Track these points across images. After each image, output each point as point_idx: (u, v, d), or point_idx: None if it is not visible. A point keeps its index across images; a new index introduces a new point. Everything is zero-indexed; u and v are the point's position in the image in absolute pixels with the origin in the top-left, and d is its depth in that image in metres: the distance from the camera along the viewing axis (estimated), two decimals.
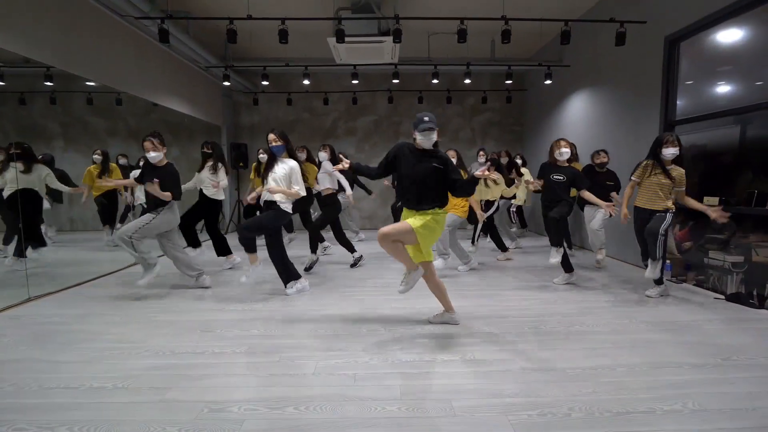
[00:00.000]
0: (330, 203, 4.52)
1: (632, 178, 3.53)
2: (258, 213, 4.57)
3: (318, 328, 2.86)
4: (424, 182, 2.63)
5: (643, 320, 3.00)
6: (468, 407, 1.85)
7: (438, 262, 4.01)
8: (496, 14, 4.65)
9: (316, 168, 4.62)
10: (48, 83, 5.03)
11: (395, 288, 2.82)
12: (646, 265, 3.49)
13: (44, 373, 2.20)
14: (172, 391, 2.01)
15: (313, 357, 2.38)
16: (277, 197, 3.43)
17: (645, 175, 3.42)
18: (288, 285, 3.62)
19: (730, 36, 3.86)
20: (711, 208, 3.31)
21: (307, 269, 4.45)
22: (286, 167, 3.47)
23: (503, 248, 5.13)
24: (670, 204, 3.34)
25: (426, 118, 2.60)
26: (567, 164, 3.90)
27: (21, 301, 3.46)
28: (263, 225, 3.48)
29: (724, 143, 4.16)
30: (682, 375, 2.17)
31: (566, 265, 3.92)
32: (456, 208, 4.13)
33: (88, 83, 5.22)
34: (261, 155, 5.59)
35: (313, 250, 4.54)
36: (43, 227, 4.89)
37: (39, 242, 4.55)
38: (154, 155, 3.53)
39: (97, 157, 5.27)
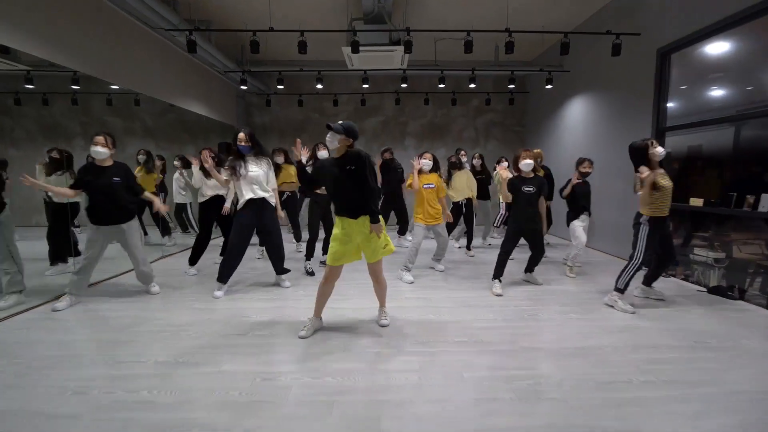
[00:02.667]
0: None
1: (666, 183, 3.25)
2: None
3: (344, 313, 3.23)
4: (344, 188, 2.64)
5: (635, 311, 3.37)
6: (477, 377, 2.23)
7: (407, 277, 4.16)
8: (501, 23, 4.99)
9: (295, 169, 4.82)
10: (74, 86, 5.36)
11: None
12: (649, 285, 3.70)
13: (114, 350, 2.57)
14: (227, 364, 2.38)
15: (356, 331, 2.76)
16: (266, 194, 3.62)
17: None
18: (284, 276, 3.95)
19: (717, 48, 4.18)
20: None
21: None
22: (262, 168, 3.59)
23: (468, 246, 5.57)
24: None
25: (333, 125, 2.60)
26: (533, 174, 3.89)
27: (58, 295, 3.79)
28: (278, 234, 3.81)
29: (718, 145, 4.46)
30: (659, 354, 2.53)
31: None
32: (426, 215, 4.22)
33: (112, 86, 5.53)
34: (277, 158, 5.63)
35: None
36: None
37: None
38: (102, 150, 3.31)
39: (141, 157, 5.43)
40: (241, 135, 3.55)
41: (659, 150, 3.23)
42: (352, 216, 2.66)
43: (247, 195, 3.55)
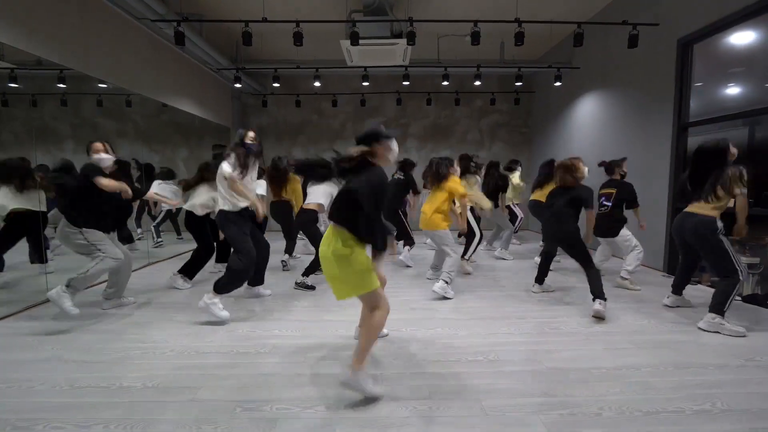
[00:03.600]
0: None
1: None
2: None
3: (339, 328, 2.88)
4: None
5: (662, 321, 3.01)
6: (499, 406, 1.87)
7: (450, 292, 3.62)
8: (507, 16, 4.68)
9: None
10: (61, 85, 5.06)
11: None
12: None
13: (74, 373, 2.22)
14: (201, 391, 2.03)
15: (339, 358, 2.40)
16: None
17: None
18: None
19: (743, 38, 3.87)
20: None
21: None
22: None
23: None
24: None
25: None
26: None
27: (38, 303, 3.48)
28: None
29: (748, 141, 4.16)
30: (708, 376, 2.18)
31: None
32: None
33: (101, 85, 5.24)
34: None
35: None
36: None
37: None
38: (107, 157, 3.13)
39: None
40: (251, 133, 3.24)
41: (735, 150, 2.90)
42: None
43: (246, 201, 3.14)
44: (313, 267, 3.89)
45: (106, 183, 2.97)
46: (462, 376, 2.17)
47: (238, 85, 6.70)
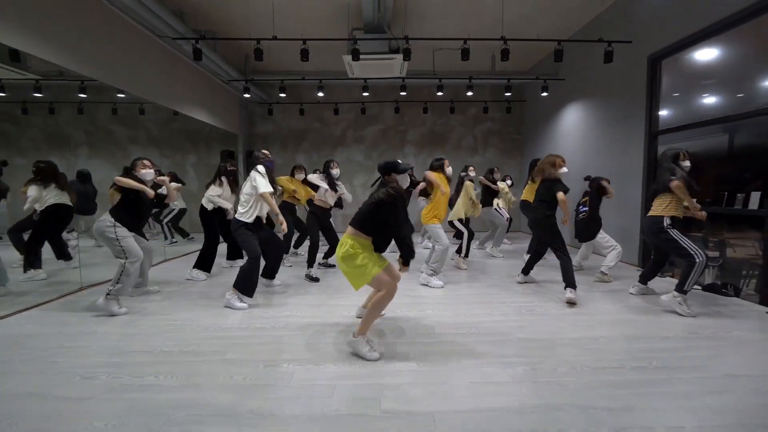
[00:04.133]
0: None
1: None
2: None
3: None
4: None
5: (626, 304, 3.43)
6: (474, 363, 2.29)
7: (436, 282, 4.09)
8: (497, 33, 5.15)
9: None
10: (82, 95, 5.49)
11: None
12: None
13: (119, 342, 2.64)
14: (229, 353, 2.44)
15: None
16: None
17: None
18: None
19: (707, 54, 4.32)
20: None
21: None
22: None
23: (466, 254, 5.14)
24: None
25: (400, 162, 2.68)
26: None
27: (74, 290, 3.91)
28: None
29: (711, 147, 4.57)
30: (653, 344, 2.59)
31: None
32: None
33: (119, 95, 5.66)
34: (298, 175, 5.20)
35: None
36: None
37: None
38: (150, 171, 3.47)
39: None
40: (266, 151, 3.68)
41: (687, 163, 3.33)
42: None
43: (258, 212, 3.53)
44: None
45: (125, 181, 3.29)
46: (446, 344, 2.59)
47: (247, 95, 7.15)
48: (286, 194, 5.06)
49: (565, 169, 3.80)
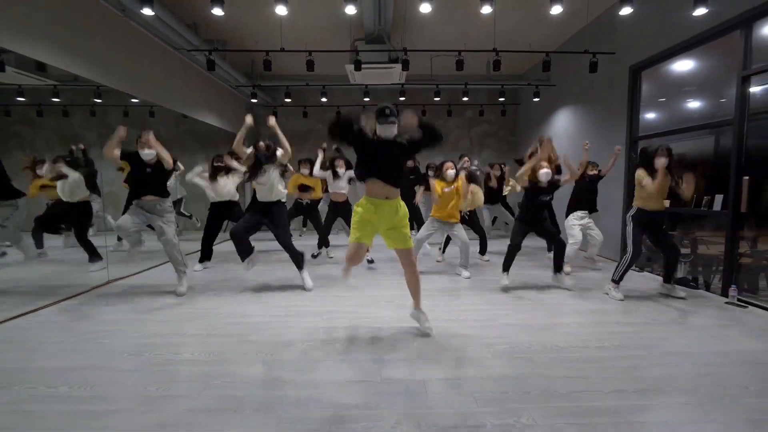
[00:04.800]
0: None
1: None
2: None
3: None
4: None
5: (600, 297, 3.83)
6: (460, 343, 2.70)
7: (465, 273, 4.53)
8: (490, 43, 5.53)
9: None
10: (97, 100, 5.86)
11: None
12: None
13: (152, 327, 3.04)
14: (251, 336, 2.84)
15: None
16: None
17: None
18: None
19: (683, 65, 4.68)
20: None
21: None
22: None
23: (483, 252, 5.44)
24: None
25: (387, 111, 2.62)
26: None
27: (102, 283, 4.30)
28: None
29: (688, 152, 4.93)
30: (618, 328, 2.99)
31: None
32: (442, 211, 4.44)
33: (133, 100, 6.01)
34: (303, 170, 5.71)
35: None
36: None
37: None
38: (150, 151, 3.78)
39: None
40: (262, 143, 4.10)
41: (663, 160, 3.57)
42: (391, 196, 2.68)
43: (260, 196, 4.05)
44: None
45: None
46: (435, 328, 2.99)
47: (254, 100, 7.53)
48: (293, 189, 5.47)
49: (545, 170, 4.05)
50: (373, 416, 1.86)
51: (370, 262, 5.13)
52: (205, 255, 5.07)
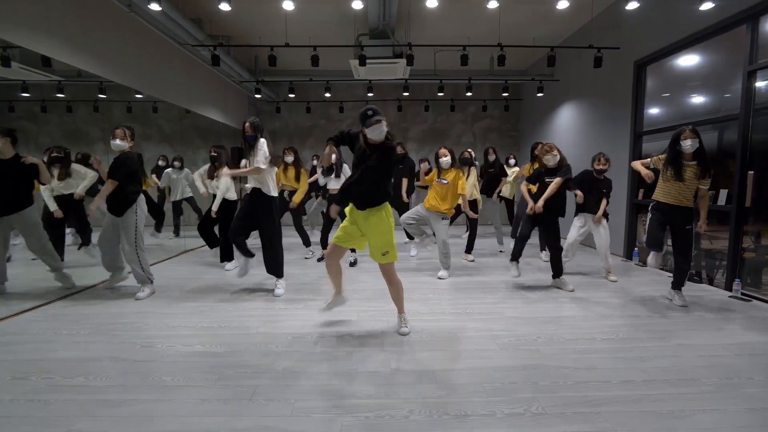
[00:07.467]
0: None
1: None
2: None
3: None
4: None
5: (606, 290, 3.86)
6: (467, 336, 2.73)
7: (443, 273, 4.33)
8: (494, 38, 5.53)
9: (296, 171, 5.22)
10: (102, 96, 5.87)
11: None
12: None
13: (165, 320, 3.08)
14: (262, 328, 2.88)
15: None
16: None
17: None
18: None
19: (688, 60, 4.68)
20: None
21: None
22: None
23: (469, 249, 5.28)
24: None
25: (369, 112, 2.49)
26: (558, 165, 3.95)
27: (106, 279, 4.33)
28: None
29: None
30: (623, 321, 3.03)
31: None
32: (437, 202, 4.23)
33: (137, 96, 6.02)
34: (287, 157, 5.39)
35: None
36: None
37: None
38: (120, 143, 3.60)
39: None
40: (247, 125, 3.65)
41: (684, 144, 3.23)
42: (359, 207, 2.65)
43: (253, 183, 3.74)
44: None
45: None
46: (444, 321, 3.02)
47: (258, 96, 7.53)
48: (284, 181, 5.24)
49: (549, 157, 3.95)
50: (386, 405, 1.90)
51: (352, 264, 4.87)
52: (225, 254, 4.87)
